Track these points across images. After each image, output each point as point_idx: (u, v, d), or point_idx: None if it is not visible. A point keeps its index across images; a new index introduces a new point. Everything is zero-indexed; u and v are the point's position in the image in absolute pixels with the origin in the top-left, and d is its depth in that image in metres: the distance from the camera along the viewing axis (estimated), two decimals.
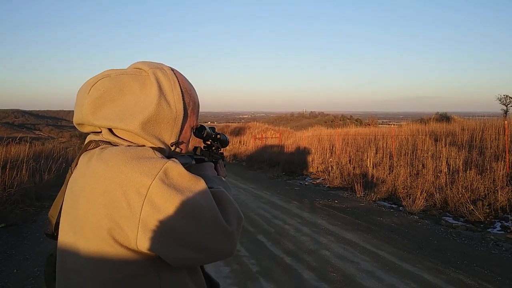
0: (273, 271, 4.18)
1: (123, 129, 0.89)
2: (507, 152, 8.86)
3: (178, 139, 0.97)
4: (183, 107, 0.95)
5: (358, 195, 9.40)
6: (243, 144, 26.75)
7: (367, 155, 12.27)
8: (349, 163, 12.81)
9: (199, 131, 1.14)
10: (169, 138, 0.95)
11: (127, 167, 0.78)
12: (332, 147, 15.23)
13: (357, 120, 72.94)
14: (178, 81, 0.96)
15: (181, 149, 1.00)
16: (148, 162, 0.80)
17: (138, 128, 0.89)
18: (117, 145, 0.89)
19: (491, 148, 10.17)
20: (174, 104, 0.94)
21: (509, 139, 9.48)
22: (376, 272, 4.16)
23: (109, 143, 0.91)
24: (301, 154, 15.92)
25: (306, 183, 12.09)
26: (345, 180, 11.27)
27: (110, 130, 0.91)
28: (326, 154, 14.82)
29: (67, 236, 0.85)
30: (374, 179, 10.58)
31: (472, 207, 7.40)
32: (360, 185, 9.73)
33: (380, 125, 35.09)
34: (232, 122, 65.17)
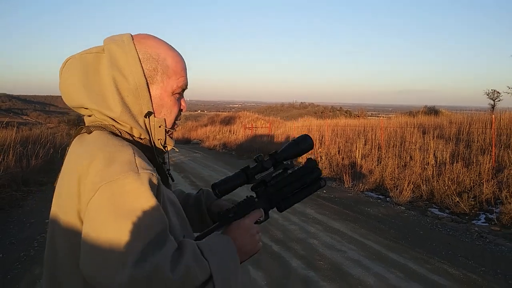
0: (261, 259, 4.21)
1: (105, 114, 0.90)
2: (493, 145, 9.00)
3: (152, 108, 0.93)
4: (143, 75, 0.91)
5: (347, 186, 9.48)
6: (233, 133, 26.67)
7: (356, 146, 12.35)
8: (338, 153, 12.89)
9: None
10: (141, 111, 0.91)
11: (92, 164, 0.78)
12: (322, 138, 15.29)
13: (347, 111, 73.19)
14: (136, 49, 0.92)
15: (164, 120, 0.95)
16: (113, 167, 0.78)
17: (118, 115, 0.89)
18: (105, 130, 0.90)
19: (477, 141, 10.32)
20: (131, 75, 0.90)
21: (495, 133, 9.62)
22: (363, 261, 4.22)
23: (101, 127, 0.90)
24: None
25: None
26: (334, 170, 11.34)
27: None
28: (315, 145, 14.87)
29: (53, 209, 0.88)
30: (363, 170, 10.67)
31: (457, 199, 7.52)
32: (349, 175, 9.81)
33: (369, 117, 35.26)
34: (222, 111, 64.90)
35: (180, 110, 1.01)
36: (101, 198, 0.75)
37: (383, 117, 21.25)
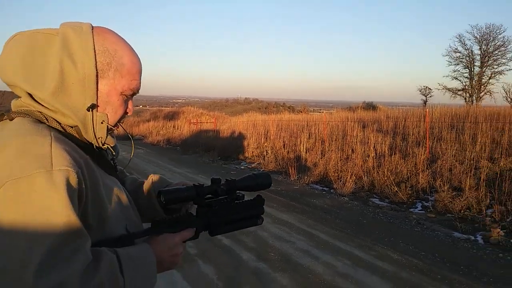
0: (211, 253, 4.13)
1: (36, 96, 0.82)
2: (427, 138, 9.58)
3: (97, 102, 0.86)
4: (94, 66, 0.84)
5: (292, 179, 9.63)
6: (177, 128, 26.18)
7: (300, 140, 12.60)
8: (283, 148, 13.08)
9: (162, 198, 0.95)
10: (83, 102, 0.84)
11: (2, 154, 0.71)
12: (267, 133, 15.43)
13: (290, 107, 74.67)
14: (94, 39, 0.86)
15: (107, 117, 0.88)
16: (23, 161, 0.69)
17: (49, 98, 0.81)
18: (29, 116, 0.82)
19: (413, 134, 10.94)
20: (82, 63, 0.83)
21: (429, 126, 10.26)
22: (312, 251, 4.30)
23: (25, 113, 0.83)
24: (237, 139, 15.94)
25: (242, 167, 12.15)
26: (279, 164, 11.48)
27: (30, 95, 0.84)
28: (261, 139, 14.98)
29: None
30: (307, 163, 10.91)
31: (396, 189, 7.91)
32: (294, 169, 9.97)
33: (311, 113, 36.26)
34: (165, 107, 63.54)
35: (126, 113, 0.95)
36: (4, 195, 0.66)
37: (325, 112, 21.92)
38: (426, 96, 30.65)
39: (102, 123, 0.86)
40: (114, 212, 0.85)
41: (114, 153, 0.97)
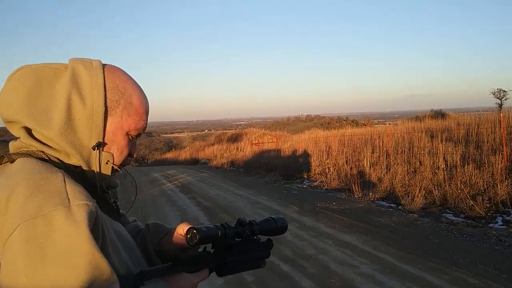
0: (269, 280, 4.02)
1: (41, 133, 0.79)
2: (504, 144, 8.75)
3: (103, 140, 0.83)
4: (104, 103, 0.82)
5: (356, 196, 9.26)
6: (240, 150, 26.60)
7: (364, 155, 12.16)
8: (346, 164, 12.69)
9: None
10: (89, 140, 0.81)
11: (12, 196, 0.66)
12: (329, 149, 15.11)
13: (353, 121, 72.92)
14: (104, 76, 0.84)
15: (112, 157, 0.85)
16: (37, 200, 0.65)
17: (56, 134, 0.77)
18: (31, 156, 0.78)
19: (487, 142, 10.06)
20: (91, 99, 0.80)
21: (505, 132, 9.38)
22: (376, 276, 4.01)
23: (27, 154, 0.79)
24: (298, 157, 15.79)
25: (304, 186, 11.95)
26: (342, 181, 11.13)
27: (29, 132, 0.81)
28: (323, 156, 14.69)
29: None
30: (372, 178, 10.45)
31: (472, 203, 7.27)
32: (358, 185, 9.59)
33: (375, 125, 35.08)
34: (229, 129, 65.14)
35: (130, 155, 0.92)
36: (21, 238, 0.61)
37: (390, 124, 21.03)
38: (501, 99, 28.27)
39: (107, 163, 0.83)
40: (124, 257, 0.81)
41: (117, 197, 0.95)
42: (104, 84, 0.83)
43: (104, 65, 0.86)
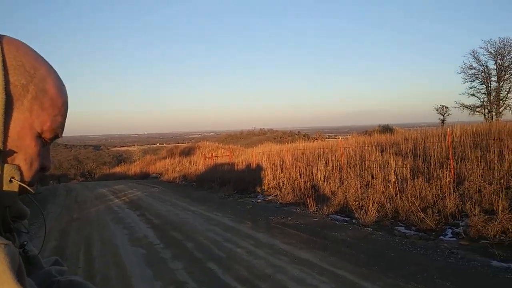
0: None
1: None
2: (451, 158, 9.08)
3: (3, 146, 0.55)
4: (3, 89, 0.54)
5: (311, 210, 9.19)
6: (193, 164, 26.10)
7: (317, 168, 12.20)
8: (300, 177, 12.68)
9: None
10: None
11: None
12: (283, 163, 15.08)
13: (305, 135, 74.39)
14: (3, 51, 0.56)
15: (19, 170, 0.57)
16: None
17: None
18: None
19: (434, 155, 10.44)
20: None
21: (451, 146, 9.77)
22: None
23: None
24: (252, 171, 15.62)
25: (258, 200, 11.75)
26: (297, 195, 11.07)
27: None
28: (277, 170, 14.63)
29: None
30: (326, 192, 10.47)
31: (422, 215, 7.40)
32: (312, 199, 9.54)
33: (327, 139, 35.91)
34: (181, 143, 64.16)
35: (43, 169, 0.63)
36: None
37: (340, 138, 21.51)
38: (443, 115, 30.02)
39: (11, 181, 0.55)
40: None
41: (27, 230, 0.66)
42: (4, 61, 0.55)
43: (1, 37, 0.58)
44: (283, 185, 12.43)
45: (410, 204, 8.09)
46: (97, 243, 6.72)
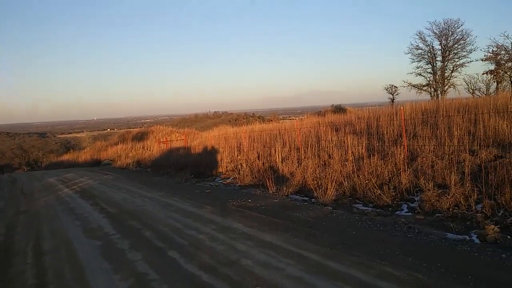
0: None
1: None
2: (404, 136, 9.34)
3: None
4: None
5: (271, 191, 9.16)
6: (147, 149, 25.40)
7: (275, 149, 12.19)
8: (258, 159, 12.62)
9: None
10: None
11: None
12: (240, 145, 14.95)
13: (260, 117, 74.72)
14: None
15: None
16: None
17: None
18: None
19: (387, 133, 10.72)
20: None
21: (401, 125, 10.05)
22: (304, 277, 3.79)
23: None
24: (209, 154, 15.38)
25: (217, 184, 11.58)
26: (255, 177, 11.02)
27: None
28: (234, 152, 14.48)
29: None
30: (285, 173, 10.48)
31: (379, 192, 7.58)
32: (271, 180, 9.51)
33: (281, 120, 36.18)
34: (133, 128, 62.23)
35: None
36: None
37: (297, 119, 21.67)
38: (393, 94, 31.09)
39: None
40: None
41: None
42: None
43: None
44: (241, 168, 12.31)
45: (367, 181, 8.26)
46: (48, 236, 6.28)
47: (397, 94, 30.92)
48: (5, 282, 4.29)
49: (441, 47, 26.14)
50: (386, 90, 31.64)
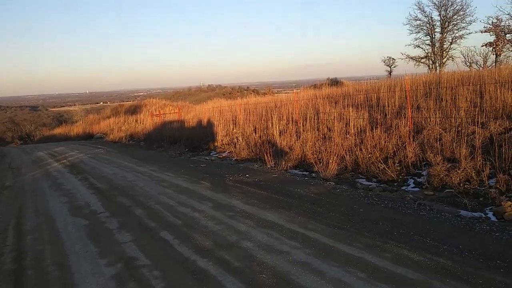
0: (184, 284, 3.16)
1: None
2: (409, 108, 8.88)
3: None
4: None
5: (269, 166, 8.75)
6: (140, 122, 24.87)
7: (272, 123, 11.72)
8: (254, 132, 12.16)
9: None
10: None
11: None
12: (235, 118, 14.44)
13: (254, 90, 73.77)
14: None
15: None
16: None
17: None
18: None
19: (389, 105, 10.26)
20: None
21: (404, 96, 9.58)
22: (313, 263, 3.38)
23: None
24: (204, 128, 14.89)
25: (212, 158, 11.14)
26: (252, 151, 10.58)
27: None
28: (229, 126, 13.99)
29: None
30: (283, 146, 10.05)
31: (383, 166, 7.19)
32: (269, 154, 9.09)
33: (276, 94, 35.59)
34: (127, 101, 61.27)
35: None
36: None
37: (294, 91, 21.09)
38: (390, 67, 30.43)
39: None
40: None
41: None
42: None
43: None
44: (237, 141, 11.86)
45: (370, 155, 7.86)
46: (31, 214, 5.84)
47: (395, 67, 30.27)
48: None
49: (440, 18, 25.35)
50: (384, 62, 30.95)
